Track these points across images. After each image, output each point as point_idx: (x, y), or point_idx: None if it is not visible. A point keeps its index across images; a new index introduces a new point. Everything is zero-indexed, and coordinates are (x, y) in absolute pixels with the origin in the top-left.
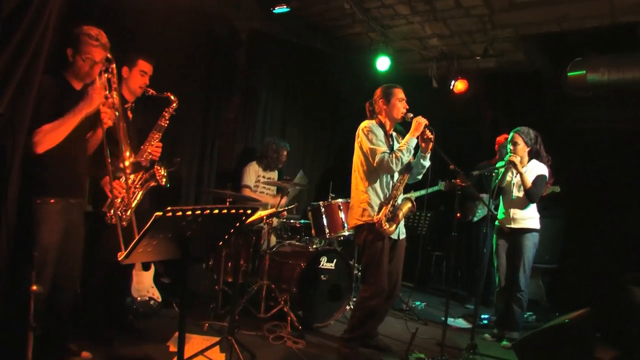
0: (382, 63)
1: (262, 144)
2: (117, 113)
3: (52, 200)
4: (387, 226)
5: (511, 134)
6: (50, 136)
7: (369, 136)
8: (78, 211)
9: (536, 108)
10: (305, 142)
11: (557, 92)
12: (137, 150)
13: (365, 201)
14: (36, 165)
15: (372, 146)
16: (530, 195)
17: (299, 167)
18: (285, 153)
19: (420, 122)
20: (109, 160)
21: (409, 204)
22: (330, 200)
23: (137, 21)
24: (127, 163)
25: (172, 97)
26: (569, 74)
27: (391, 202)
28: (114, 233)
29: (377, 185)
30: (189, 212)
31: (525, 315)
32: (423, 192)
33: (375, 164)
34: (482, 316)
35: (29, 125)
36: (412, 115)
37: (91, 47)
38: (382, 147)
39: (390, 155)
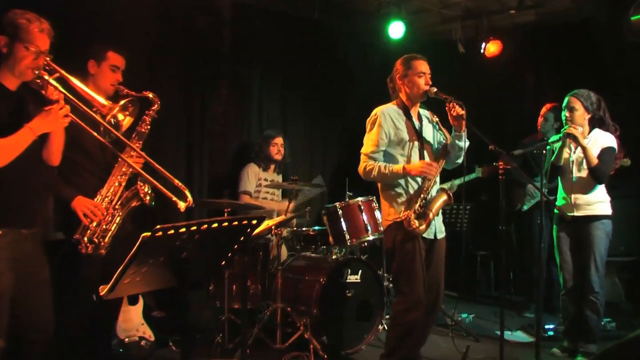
0: (395, 29)
1: None
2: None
3: (0, 232)
4: (417, 224)
5: (566, 99)
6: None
7: (373, 125)
8: (34, 244)
9: (590, 65)
10: (311, 133)
11: (616, 43)
12: (113, 164)
13: (389, 197)
14: None
15: (367, 138)
16: (597, 175)
17: (307, 163)
18: (276, 142)
19: (421, 168)
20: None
21: (444, 196)
22: (347, 200)
23: (93, 7)
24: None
25: (152, 96)
26: (631, 17)
27: (422, 195)
28: (92, 264)
29: None
30: (183, 229)
31: (603, 323)
32: (457, 181)
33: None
34: (547, 326)
35: None
36: (435, 89)
37: (36, 33)
38: (378, 147)
39: (376, 164)
